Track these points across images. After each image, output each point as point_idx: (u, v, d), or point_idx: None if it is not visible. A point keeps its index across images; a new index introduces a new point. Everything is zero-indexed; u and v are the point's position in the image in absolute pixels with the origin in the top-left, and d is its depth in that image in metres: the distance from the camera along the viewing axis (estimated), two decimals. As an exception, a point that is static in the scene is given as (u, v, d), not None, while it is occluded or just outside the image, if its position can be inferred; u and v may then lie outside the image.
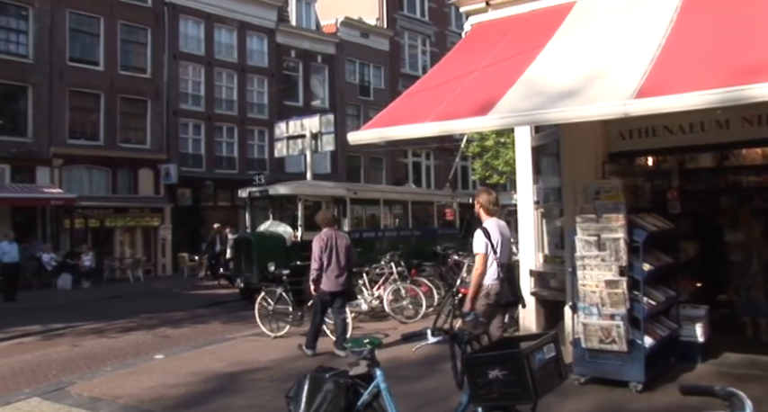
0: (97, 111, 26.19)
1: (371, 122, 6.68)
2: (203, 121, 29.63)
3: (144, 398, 6.79)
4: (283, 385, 7.05)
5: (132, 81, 27.02)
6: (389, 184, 32.79)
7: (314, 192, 17.09)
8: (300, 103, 33.18)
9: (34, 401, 6.83)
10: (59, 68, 24.90)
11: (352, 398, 4.11)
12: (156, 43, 28.00)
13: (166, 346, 10.05)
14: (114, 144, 26.16)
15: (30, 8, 24.52)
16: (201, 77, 29.75)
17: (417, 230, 19.95)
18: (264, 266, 14.31)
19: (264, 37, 32.38)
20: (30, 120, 24.22)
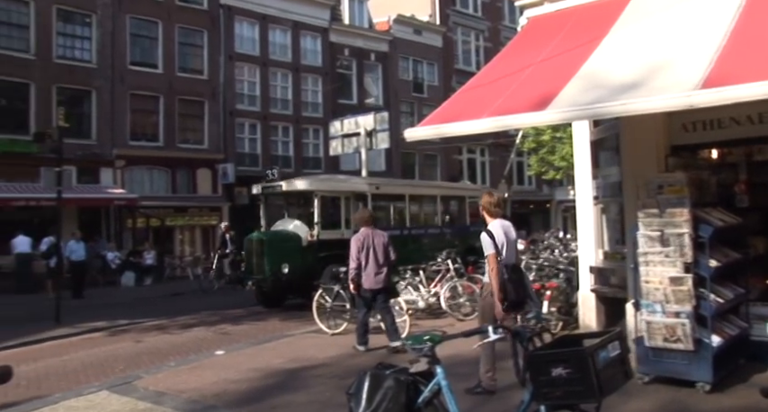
0: (157, 112, 26.87)
1: (428, 119, 6.65)
2: (259, 121, 30.06)
3: (207, 393, 6.92)
4: (342, 381, 7.10)
5: (190, 83, 27.61)
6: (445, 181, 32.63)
7: (331, 187, 15.83)
8: (354, 102, 33.34)
9: (103, 394, 7.04)
10: (121, 72, 25.63)
11: (412, 396, 4.10)
12: (212, 45, 28.53)
13: (227, 343, 10.22)
14: (173, 145, 26.79)
15: (93, 15, 25.31)
16: (257, 78, 30.18)
17: (447, 227, 18.57)
18: (278, 268, 13.84)
19: (318, 36, 32.64)
20: (93, 122, 25.05)
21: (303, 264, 14.00)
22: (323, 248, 14.22)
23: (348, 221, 14.92)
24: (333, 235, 14.63)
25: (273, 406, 6.44)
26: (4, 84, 23.21)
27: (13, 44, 23.56)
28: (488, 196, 6.74)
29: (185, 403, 6.61)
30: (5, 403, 6.73)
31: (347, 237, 13.93)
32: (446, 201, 19.44)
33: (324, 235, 14.49)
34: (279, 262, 13.83)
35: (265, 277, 14.04)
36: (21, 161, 22.43)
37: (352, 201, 15.30)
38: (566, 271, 10.30)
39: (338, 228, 15.05)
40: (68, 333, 11.85)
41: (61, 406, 6.66)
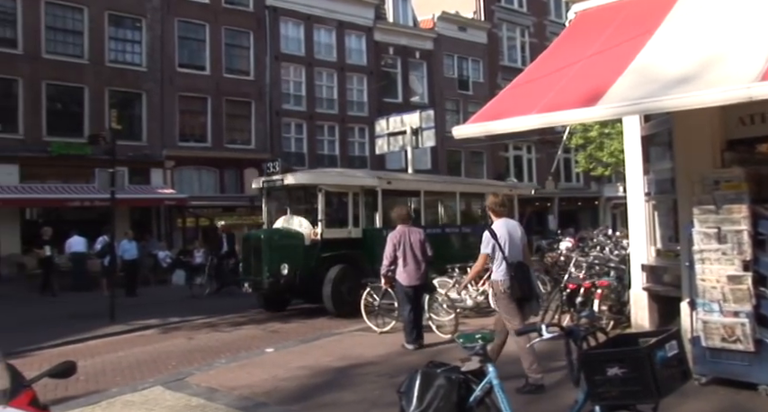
0: (204, 113, 27.33)
1: (476, 116, 6.61)
2: (305, 121, 30.31)
3: (258, 391, 7.00)
4: (391, 380, 7.11)
5: (237, 83, 28.01)
6: (491, 179, 32.39)
7: (337, 181, 14.54)
8: (399, 100, 33.36)
9: (158, 390, 7.19)
10: (170, 74, 26.14)
11: (464, 394, 4.09)
12: (258, 46, 28.86)
13: (276, 341, 10.33)
14: (221, 145, 27.21)
15: (143, 19, 25.87)
16: (302, 77, 30.44)
17: (467, 226, 16.64)
18: (276, 269, 12.84)
19: (363, 35, 32.74)
20: (144, 124, 25.62)
21: (306, 265, 13.05)
22: (327, 248, 13.33)
23: (356, 218, 14.04)
24: (339, 233, 13.78)
25: (323, 404, 6.48)
26: (60, 88, 23.95)
27: (68, 50, 24.26)
28: (494, 197, 7.04)
29: (237, 400, 6.71)
30: (66, 396, 6.93)
31: (355, 237, 13.79)
32: (467, 199, 17.91)
33: (328, 233, 13.47)
34: (278, 262, 12.85)
35: (263, 279, 12.89)
36: (76, 163, 23.11)
37: (360, 197, 14.14)
38: (617, 269, 10.12)
39: (345, 227, 14.04)
40: (122, 330, 12.13)
41: (118, 400, 6.83)
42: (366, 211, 14.25)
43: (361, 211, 14.10)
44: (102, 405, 6.69)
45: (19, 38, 23.24)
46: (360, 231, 13.95)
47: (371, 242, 13.63)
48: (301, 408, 6.36)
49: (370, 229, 14.08)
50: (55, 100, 24.12)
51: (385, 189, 14.38)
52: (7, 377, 2.95)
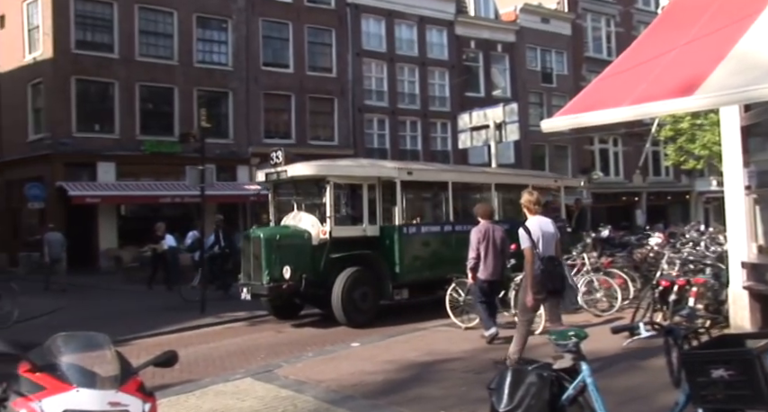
0: (288, 111, 27.90)
1: (565, 109, 6.44)
2: (387, 116, 30.46)
3: (345, 384, 7.07)
4: (477, 376, 7.05)
5: (319, 81, 28.42)
6: (576, 173, 31.66)
7: (348, 172, 12.71)
8: (482, 94, 33.05)
9: (248, 381, 7.36)
10: (255, 73, 26.79)
11: (556, 392, 4.00)
12: (340, 43, 29.18)
13: (362, 335, 10.40)
14: (305, 141, 27.67)
15: (229, 20, 26.62)
16: (384, 73, 30.59)
17: (505, 223, 13.89)
18: (278, 272, 11.19)
19: (444, 29, 32.59)
20: (230, 122, 26.40)
21: (313, 268, 11.49)
22: (338, 248, 11.65)
23: (373, 215, 12.33)
24: (351, 232, 12.13)
25: (409, 398, 6.48)
26: (151, 89, 24.96)
27: (159, 52, 25.26)
28: (528, 195, 7.53)
29: (324, 392, 6.79)
30: (163, 384, 7.18)
31: (371, 235, 12.14)
32: (505, 191, 15.77)
33: (339, 232, 11.78)
34: (279, 265, 11.24)
35: (262, 283, 11.33)
36: (167, 160, 24.03)
37: (377, 190, 12.41)
38: (713, 266, 9.67)
39: (359, 224, 12.34)
40: (213, 322, 12.50)
41: (211, 390, 7.04)
42: (384, 206, 12.51)
43: (379, 206, 12.41)
44: (195, 394, 6.90)
45: (115, 42, 24.38)
46: (377, 229, 12.29)
47: (390, 241, 12.22)
48: (388, 402, 6.37)
49: (389, 227, 12.37)
50: (147, 100, 25.17)
51: (405, 180, 12.65)
52: (117, 364, 3.09)
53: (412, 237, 12.52)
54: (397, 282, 12.11)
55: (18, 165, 25.11)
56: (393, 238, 12.21)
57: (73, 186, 22.60)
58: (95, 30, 24.47)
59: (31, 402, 2.84)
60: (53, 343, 3.14)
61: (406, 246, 12.25)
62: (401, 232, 12.20)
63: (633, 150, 36.47)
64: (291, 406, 6.37)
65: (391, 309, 13.63)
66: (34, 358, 3.02)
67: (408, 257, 12.30)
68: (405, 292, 12.45)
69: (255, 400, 6.59)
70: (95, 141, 23.71)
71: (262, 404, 6.46)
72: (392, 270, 12.07)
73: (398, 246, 12.13)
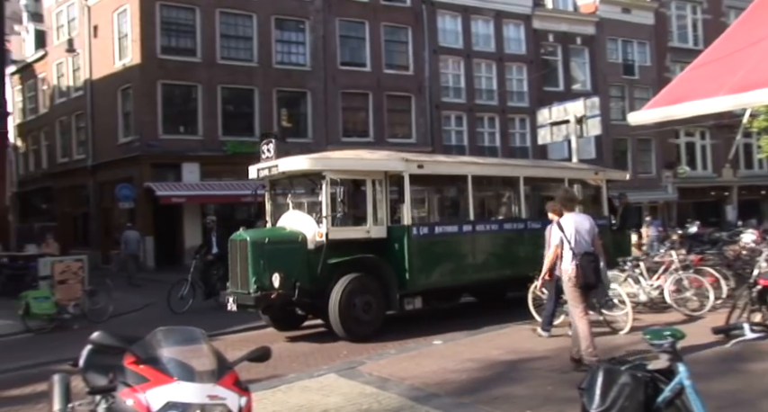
0: (366, 109, 28.12)
1: (653, 101, 6.22)
2: (465, 113, 30.30)
3: (428, 382, 7.05)
4: (563, 376, 6.92)
5: (396, 79, 28.51)
6: (660, 168, 30.63)
7: (349, 166, 11.11)
8: (561, 88, 32.43)
9: (332, 377, 7.45)
10: (332, 73, 27.11)
11: (651, 394, 3.85)
12: (416, 40, 29.19)
13: (443, 333, 10.35)
14: (383, 139, 27.80)
15: (306, 21, 27.04)
16: (461, 70, 30.43)
17: (536, 222, 12.66)
18: (266, 280, 9.86)
19: (521, 24, 32.14)
20: (309, 122, 26.82)
21: (308, 275, 10.17)
22: (336, 252, 10.30)
23: (379, 213, 11.03)
24: (352, 233, 10.76)
25: (494, 397, 6.41)
26: (232, 91, 25.65)
27: (239, 55, 25.92)
28: (563, 192, 7.90)
29: (408, 390, 6.79)
30: (249, 379, 7.34)
31: (377, 237, 10.77)
32: (537, 186, 14.44)
33: (337, 233, 10.36)
34: (268, 272, 9.89)
35: (248, 293, 9.96)
36: (248, 161, 24.41)
37: (384, 186, 10.99)
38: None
39: (362, 224, 10.94)
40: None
41: (296, 385, 7.15)
42: (392, 204, 11.16)
43: (385, 204, 11.03)
44: (281, 389, 7.03)
45: (198, 47, 25.15)
46: (383, 230, 10.91)
47: (399, 244, 10.84)
48: (473, 401, 6.32)
49: (398, 228, 10.93)
50: (229, 102, 25.86)
51: (415, 174, 11.20)
52: (214, 358, 3.18)
53: (424, 239, 11.10)
54: (406, 290, 10.82)
55: (109, 167, 26.26)
56: (402, 240, 10.81)
57: (160, 186, 23.47)
58: (179, 35, 25.31)
59: (136, 393, 2.96)
60: (154, 337, 3.26)
61: (416, 248, 10.87)
62: (411, 233, 10.85)
63: (722, 143, 35.01)
64: (376, 402, 6.40)
65: (471, 308, 13.56)
66: (138, 351, 3.15)
67: (419, 262, 10.92)
68: (417, 301, 11.18)
69: (340, 397, 6.65)
70: (180, 143, 24.56)
71: (346, 400, 6.51)
72: (400, 276, 10.71)
73: (408, 250, 10.75)
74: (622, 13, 35.12)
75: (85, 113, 28.32)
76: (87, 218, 28.50)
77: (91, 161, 27.85)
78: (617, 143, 33.34)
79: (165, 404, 2.90)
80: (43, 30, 33.29)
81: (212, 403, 2.95)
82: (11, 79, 31.20)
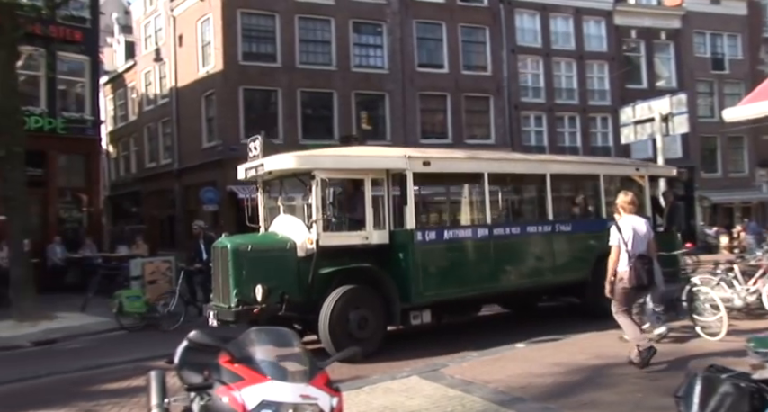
0: (444, 111, 28.06)
1: (752, 96, 5.95)
2: (544, 113, 29.83)
3: (512, 385, 6.94)
4: (653, 383, 6.69)
5: (474, 79, 28.34)
6: (753, 166, 29.22)
7: (341, 164, 9.94)
8: (644, 86, 31.49)
9: (415, 379, 7.42)
10: (410, 75, 27.16)
11: (757, 405, 3.66)
12: (494, 40, 28.92)
13: (526, 336, 10.16)
14: (461, 141, 27.66)
15: (383, 24, 27.20)
16: (540, 69, 29.99)
17: (565, 223, 11.85)
18: (248, 292, 8.81)
19: (602, 20, 31.41)
20: (388, 124, 26.95)
21: (298, 286, 9.18)
22: (329, 261, 9.28)
23: (379, 217, 9.94)
24: (348, 239, 9.73)
25: (581, 402, 6.25)
26: (312, 95, 26.08)
27: (318, 59, 26.31)
28: (624, 195, 7.89)
29: (493, 393, 6.70)
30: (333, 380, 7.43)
31: (377, 244, 9.73)
32: (564, 184, 13.27)
33: (330, 239, 9.35)
34: (250, 282, 8.85)
35: (229, 306, 8.97)
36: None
37: (387, 186, 9.90)
38: None
39: (360, 229, 9.81)
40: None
41: (379, 387, 7.16)
42: (395, 206, 10.00)
43: (387, 207, 9.91)
44: (365, 390, 7.05)
45: (277, 52, 25.66)
46: (385, 235, 9.83)
47: (402, 251, 9.71)
48: (559, 406, 6.18)
49: (401, 233, 9.79)
50: (308, 106, 26.26)
51: (421, 173, 10.04)
52: (306, 358, 3.22)
53: (431, 246, 9.94)
54: (410, 303, 9.69)
55: (194, 171, 27.11)
56: (405, 247, 9.70)
57: (242, 190, 24.01)
58: (260, 42, 25.89)
59: (232, 391, 3.03)
60: (247, 336, 3.33)
61: (422, 256, 9.76)
62: (415, 239, 9.72)
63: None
64: (460, 405, 6.34)
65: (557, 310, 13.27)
66: (232, 350, 3.22)
67: (426, 271, 9.81)
68: (425, 315, 9.99)
69: (424, 399, 6.62)
70: (262, 147, 25.07)
71: (430, 402, 6.48)
72: (404, 287, 9.58)
73: (412, 257, 9.65)
74: (711, 4, 33.76)
75: (171, 120, 29.34)
76: (173, 220, 29.49)
77: (176, 165, 28.82)
78: (705, 141, 32.08)
79: (259, 402, 2.95)
80: (132, 41, 34.72)
81: (305, 403, 2.98)
82: (103, 89, 32.62)
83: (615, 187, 12.98)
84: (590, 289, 11.09)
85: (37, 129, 19.46)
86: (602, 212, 12.32)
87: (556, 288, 11.75)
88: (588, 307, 11.51)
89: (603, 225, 11.38)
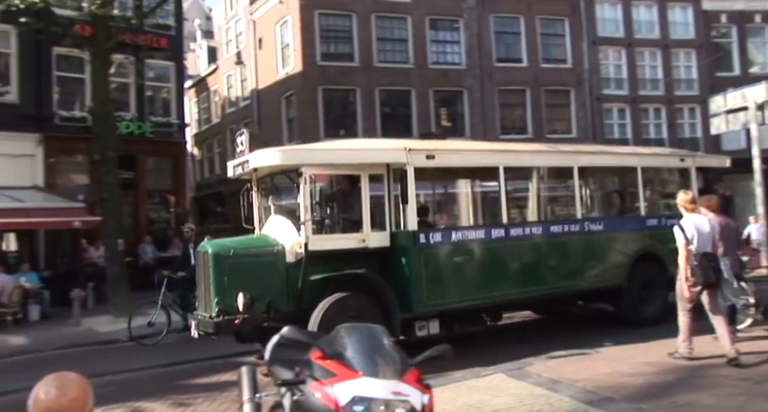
0: (524, 105, 27.66)
1: None
2: (628, 105, 29.00)
3: (601, 385, 6.76)
4: (756, 386, 6.43)
5: (554, 73, 27.83)
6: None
7: (333, 159, 9.04)
8: (736, 73, 30.05)
9: (500, 377, 7.35)
10: (488, 70, 26.91)
11: None
12: (574, 32, 28.30)
13: (610, 335, 9.87)
14: (541, 135, 27.14)
15: (460, 20, 27.05)
16: (623, 60, 29.21)
17: (596, 222, 10.73)
18: (229, 301, 7.94)
19: (688, 6, 30.23)
20: (467, 120, 26.80)
21: (287, 295, 8.31)
22: (321, 267, 8.40)
23: (378, 217, 9.00)
24: (341, 242, 8.75)
25: (676, 404, 6.02)
26: (390, 93, 26.21)
27: (395, 57, 26.41)
28: (684, 194, 7.98)
29: (581, 392, 6.55)
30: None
31: (376, 247, 8.76)
32: (594, 178, 12.10)
33: (320, 243, 8.44)
34: (232, 291, 7.98)
35: (210, 316, 8.21)
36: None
37: (389, 182, 8.91)
38: None
39: (355, 231, 8.88)
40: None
41: (464, 384, 7.13)
42: (395, 205, 8.91)
43: (388, 206, 8.93)
44: (449, 387, 7.01)
45: (355, 52, 25.90)
46: (385, 238, 8.86)
47: (404, 254, 8.75)
48: (652, 407, 5.98)
49: (402, 235, 8.79)
50: (386, 104, 26.39)
51: (423, 167, 9.00)
52: (397, 355, 3.22)
53: (436, 249, 8.96)
54: (413, 313, 8.69)
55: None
56: (407, 250, 8.73)
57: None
58: (337, 42, 26.18)
59: (324, 386, 3.06)
60: (337, 333, 3.36)
61: (425, 260, 8.80)
62: (417, 241, 8.74)
63: None
64: (547, 405, 6.23)
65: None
66: (324, 346, 3.25)
67: (430, 277, 8.82)
68: (433, 325, 8.95)
69: (510, 397, 6.54)
70: (341, 146, 25.38)
71: (516, 401, 6.39)
72: (405, 295, 8.60)
73: (414, 262, 8.69)
74: (809, -16, 31.95)
75: (252, 121, 30.01)
76: (255, 220, 30.14)
77: (259, 166, 29.44)
78: (804, 130, 30.41)
79: (351, 398, 2.96)
80: (214, 46, 35.75)
81: (396, 399, 2.97)
82: (187, 93, 33.72)
83: (658, 180, 12.49)
84: (627, 295, 10.42)
85: (127, 133, 20.27)
86: (640, 209, 11.19)
87: (585, 295, 10.71)
88: (625, 315, 10.58)
89: (642, 223, 10.97)
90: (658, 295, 10.55)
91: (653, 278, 10.55)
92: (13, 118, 17.86)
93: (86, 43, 16.10)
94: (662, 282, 10.31)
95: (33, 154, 18.69)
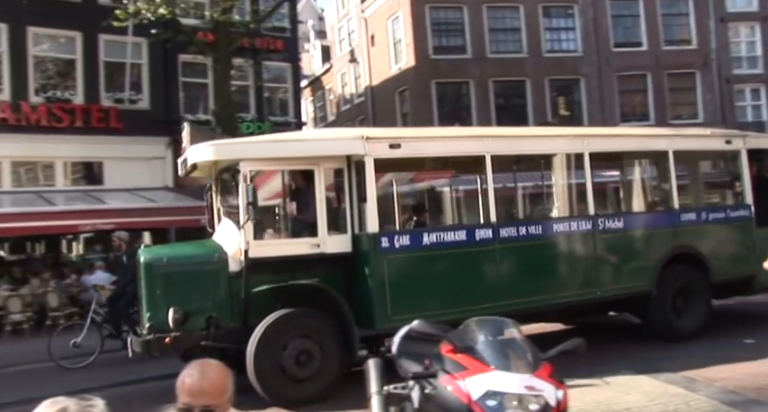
0: (645, 91, 26.52)
1: None
2: (763, 85, 27.09)
3: (744, 385, 6.36)
4: None
5: (677, 55, 26.52)
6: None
7: (276, 152, 7.86)
8: None
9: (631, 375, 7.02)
10: (606, 56, 25.96)
11: None
12: (699, 10, 26.77)
13: (753, 331, 9.26)
14: (664, 121, 25.87)
15: (575, 5, 26.29)
16: (756, 36, 27.30)
17: (614, 218, 9.09)
18: (161, 315, 7.02)
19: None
20: (584, 109, 26.01)
21: (230, 309, 7.27)
22: (267, 277, 7.32)
23: (337, 218, 7.85)
24: (291, 248, 7.65)
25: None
26: (504, 84, 25.87)
27: (508, 47, 26.02)
28: None
29: (720, 393, 6.19)
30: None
31: (335, 252, 7.59)
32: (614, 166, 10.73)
33: (264, 249, 7.39)
34: (164, 304, 7.08)
35: (141, 334, 7.41)
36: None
37: (349, 177, 7.74)
38: None
39: (310, 234, 7.73)
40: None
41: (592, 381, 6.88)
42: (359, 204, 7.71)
43: (350, 205, 7.76)
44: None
45: (467, 44, 25.71)
46: (346, 241, 7.69)
47: (365, 262, 7.55)
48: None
49: (363, 238, 7.61)
50: (500, 95, 26.02)
51: (388, 158, 7.89)
52: (529, 349, 3.14)
53: (403, 253, 7.68)
54: (374, 330, 7.33)
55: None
56: (366, 256, 7.52)
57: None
58: (449, 34, 26.04)
59: (456, 380, 3.03)
60: (467, 326, 3.31)
61: (389, 267, 7.54)
62: (379, 245, 7.48)
63: None
64: (684, 404, 5.93)
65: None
66: (454, 340, 3.21)
67: (396, 287, 7.53)
68: None
69: (641, 395, 6.28)
70: (455, 139, 25.24)
71: (648, 399, 6.13)
72: (366, 310, 7.42)
73: (375, 269, 7.46)
74: None
75: (367, 117, 30.38)
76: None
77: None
78: None
79: (485, 392, 2.91)
80: (327, 45, 36.50)
81: (530, 394, 2.90)
82: (303, 93, 34.63)
83: (697, 166, 10.73)
84: (656, 304, 8.76)
85: (248, 133, 20.99)
86: (672, 201, 9.38)
87: (602, 304, 9.11)
88: (654, 327, 9.02)
89: (674, 218, 9.25)
90: (698, 303, 9.04)
91: (691, 283, 8.99)
92: (146, 123, 18.93)
93: (209, 49, 16.88)
94: (703, 287, 9.01)
95: (164, 156, 19.72)
